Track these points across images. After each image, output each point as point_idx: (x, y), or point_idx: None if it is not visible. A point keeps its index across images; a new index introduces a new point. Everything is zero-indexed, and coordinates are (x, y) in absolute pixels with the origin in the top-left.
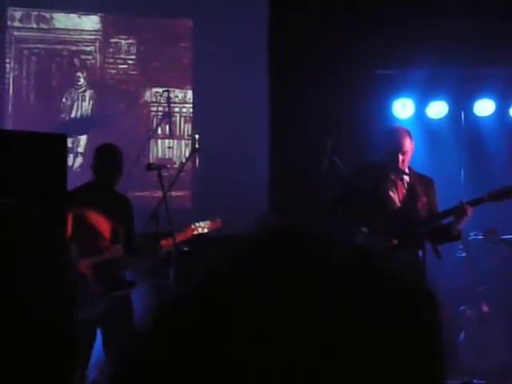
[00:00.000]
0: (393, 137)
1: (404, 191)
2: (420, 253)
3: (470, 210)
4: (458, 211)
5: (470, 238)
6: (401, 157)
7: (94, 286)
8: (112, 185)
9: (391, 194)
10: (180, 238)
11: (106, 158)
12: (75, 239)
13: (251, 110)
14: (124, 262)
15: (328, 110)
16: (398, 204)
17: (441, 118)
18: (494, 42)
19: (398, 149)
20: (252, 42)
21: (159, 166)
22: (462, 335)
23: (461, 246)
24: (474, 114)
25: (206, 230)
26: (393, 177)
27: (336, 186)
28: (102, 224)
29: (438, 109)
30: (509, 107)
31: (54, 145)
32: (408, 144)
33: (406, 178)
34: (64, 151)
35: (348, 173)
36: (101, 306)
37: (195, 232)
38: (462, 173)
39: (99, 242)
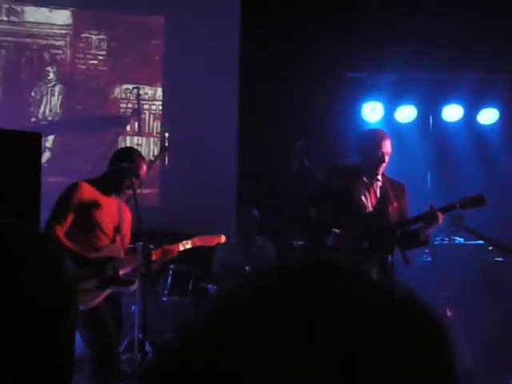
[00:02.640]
0: (374, 139)
1: (377, 195)
2: (389, 257)
3: (441, 217)
4: (428, 217)
5: (436, 243)
6: (386, 157)
7: (91, 280)
8: (123, 186)
9: (363, 197)
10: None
11: (124, 160)
12: (77, 230)
13: (221, 109)
14: (123, 262)
15: (298, 112)
16: (370, 208)
17: (409, 122)
18: (463, 48)
19: (381, 151)
20: (224, 41)
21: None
22: None
23: (427, 251)
24: (442, 119)
25: (188, 246)
26: (366, 180)
27: (306, 188)
28: (107, 221)
29: (406, 113)
30: (477, 113)
31: (28, 143)
32: (389, 145)
33: (379, 182)
34: (38, 150)
35: (318, 174)
36: (96, 300)
37: (181, 249)
38: (429, 177)
39: (101, 238)
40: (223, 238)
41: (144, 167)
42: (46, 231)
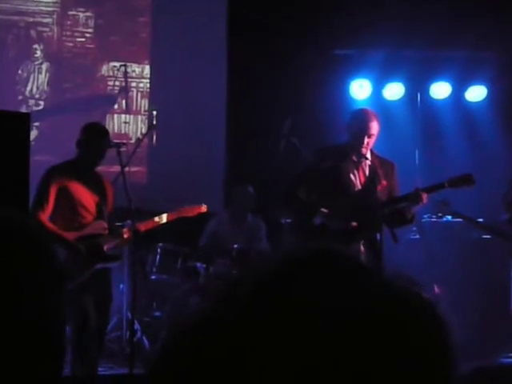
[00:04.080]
0: (361, 119)
1: (365, 174)
2: (378, 235)
3: (425, 197)
4: (413, 197)
5: (423, 221)
6: (366, 139)
7: (81, 254)
8: (96, 163)
9: (352, 176)
10: (143, 227)
11: (93, 137)
12: (60, 211)
13: (209, 86)
14: (107, 239)
15: (286, 90)
16: (359, 187)
17: (397, 100)
18: (451, 26)
19: (365, 131)
20: (212, 19)
21: (118, 144)
22: None
23: (414, 228)
24: (430, 97)
25: (164, 220)
26: (355, 159)
27: (294, 166)
28: (87, 199)
29: (394, 90)
30: (465, 90)
31: (17, 123)
32: (375, 127)
33: (368, 160)
34: (27, 131)
35: (306, 153)
36: (83, 276)
37: (158, 222)
38: (417, 154)
39: (84, 215)
40: (204, 208)
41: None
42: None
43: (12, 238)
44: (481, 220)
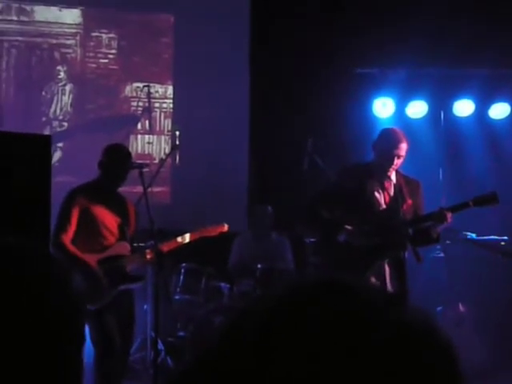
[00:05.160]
0: (390, 139)
1: (391, 193)
2: (402, 254)
3: (449, 216)
4: (438, 217)
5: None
6: (396, 160)
7: (101, 279)
8: (118, 184)
9: (376, 195)
10: (166, 247)
11: (115, 158)
12: (83, 233)
13: (232, 106)
14: (130, 259)
15: (309, 109)
16: (384, 206)
17: (420, 118)
18: (473, 44)
19: (394, 152)
20: (234, 39)
21: (141, 165)
22: None
23: (439, 247)
24: (454, 114)
25: (187, 240)
26: (380, 178)
27: (317, 186)
28: (110, 221)
29: (417, 108)
30: (488, 108)
31: (38, 146)
32: (404, 148)
33: (394, 179)
34: (48, 153)
35: (329, 172)
36: (106, 299)
37: (181, 242)
38: (441, 172)
39: (107, 237)
40: (226, 227)
41: (130, 157)
42: (54, 242)
43: (23, 268)
44: (505, 239)
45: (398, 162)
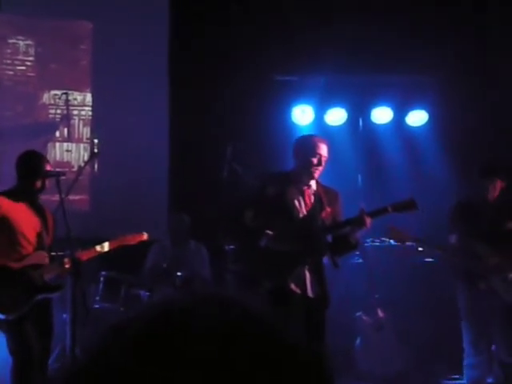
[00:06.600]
0: (307, 143)
1: (311, 200)
2: (322, 260)
3: (369, 221)
4: (357, 221)
5: (366, 245)
6: (317, 160)
7: (19, 288)
8: (35, 193)
9: (296, 202)
10: (85, 256)
11: (30, 166)
12: (0, 242)
13: (151, 114)
14: (48, 269)
15: (229, 115)
16: (304, 213)
17: (339, 125)
18: (391, 51)
19: (313, 153)
20: (152, 45)
21: (58, 173)
22: (358, 341)
23: (358, 253)
24: (372, 122)
25: (106, 249)
26: (299, 186)
27: (238, 193)
28: (28, 229)
29: (336, 116)
30: (406, 115)
31: None
32: (324, 148)
33: (314, 187)
34: None
35: (249, 179)
36: (24, 308)
37: (100, 251)
38: (360, 179)
39: (24, 246)
40: (145, 236)
41: (47, 165)
42: None
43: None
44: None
45: (322, 161)
